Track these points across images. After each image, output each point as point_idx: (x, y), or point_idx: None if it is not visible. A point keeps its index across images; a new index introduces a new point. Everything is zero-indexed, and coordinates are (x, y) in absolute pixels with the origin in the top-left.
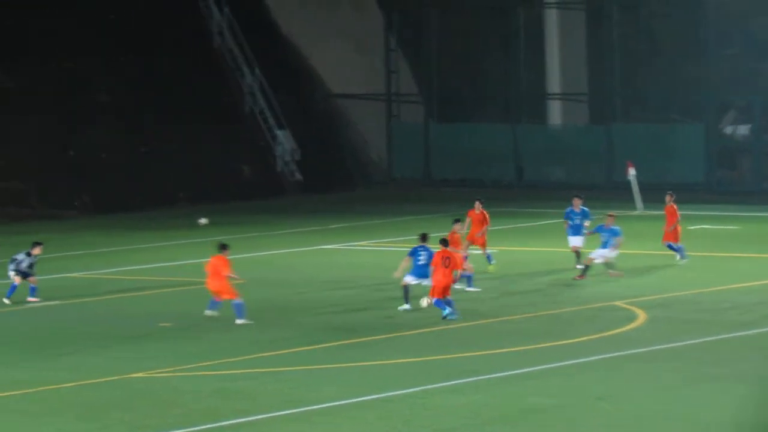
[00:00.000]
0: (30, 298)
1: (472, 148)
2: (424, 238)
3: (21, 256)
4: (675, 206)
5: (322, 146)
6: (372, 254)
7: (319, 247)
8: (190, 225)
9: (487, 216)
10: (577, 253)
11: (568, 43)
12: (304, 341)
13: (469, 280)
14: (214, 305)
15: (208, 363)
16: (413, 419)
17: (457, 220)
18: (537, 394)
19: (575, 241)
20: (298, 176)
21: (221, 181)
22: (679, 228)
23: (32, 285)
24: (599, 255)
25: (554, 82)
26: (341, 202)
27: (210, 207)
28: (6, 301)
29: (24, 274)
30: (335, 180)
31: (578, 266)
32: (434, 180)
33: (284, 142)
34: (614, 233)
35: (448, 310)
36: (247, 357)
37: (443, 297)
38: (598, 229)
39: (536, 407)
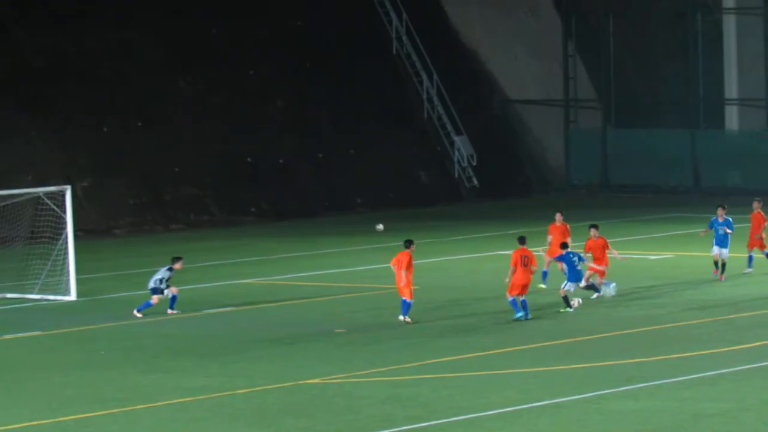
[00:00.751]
0: (170, 311)
1: (650, 154)
2: (565, 246)
3: (162, 273)
4: (762, 213)
5: (499, 152)
6: None
7: (495, 252)
8: (368, 231)
9: (569, 228)
10: (719, 263)
11: (746, 48)
12: (478, 347)
13: (605, 285)
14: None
15: (382, 369)
16: (587, 425)
17: (593, 226)
18: (711, 399)
19: (717, 249)
20: (475, 182)
21: (398, 186)
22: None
23: (173, 293)
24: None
25: (732, 88)
26: (518, 208)
27: (387, 213)
28: (137, 314)
29: (156, 291)
30: (512, 186)
31: (714, 275)
32: (612, 186)
33: (461, 148)
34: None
35: (520, 314)
36: (420, 363)
37: (520, 295)
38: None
39: (710, 413)
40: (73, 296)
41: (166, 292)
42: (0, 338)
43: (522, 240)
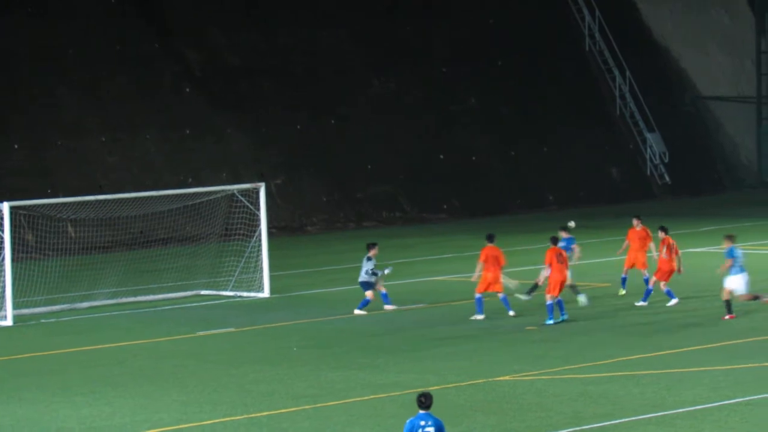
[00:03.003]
0: (387, 306)
1: None
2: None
3: (366, 264)
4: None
5: (691, 149)
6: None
7: (687, 250)
8: (559, 228)
9: (650, 233)
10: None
11: None
12: (667, 344)
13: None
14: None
15: (573, 366)
16: None
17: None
18: None
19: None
20: (667, 179)
21: (590, 183)
22: None
23: (383, 292)
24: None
25: None
26: (710, 205)
27: (578, 210)
28: (360, 312)
29: (368, 285)
30: (704, 183)
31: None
32: None
33: (653, 145)
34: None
35: (551, 321)
36: (610, 360)
37: (558, 294)
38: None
39: None
40: (266, 293)
41: (379, 283)
42: (194, 335)
43: (554, 240)
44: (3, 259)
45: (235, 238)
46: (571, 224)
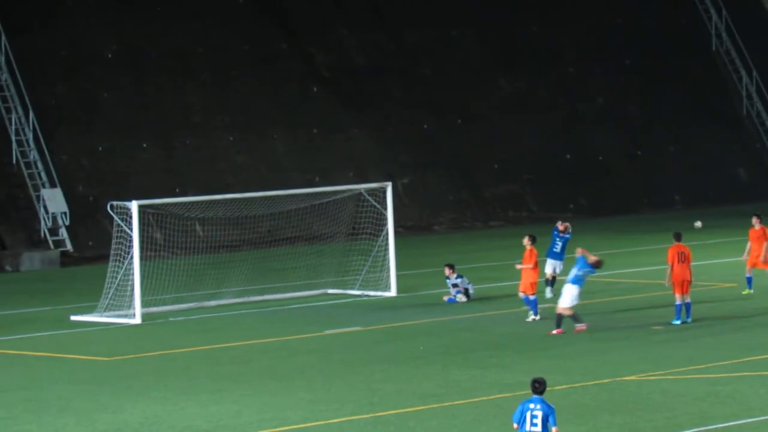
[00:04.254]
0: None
1: None
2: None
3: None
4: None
5: None
6: None
7: None
8: (686, 228)
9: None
10: None
11: None
12: None
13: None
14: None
15: (699, 366)
16: None
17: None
18: None
19: None
20: None
21: (716, 183)
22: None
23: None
24: None
25: None
26: None
27: (705, 210)
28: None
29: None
30: None
31: None
32: None
33: None
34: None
35: (677, 321)
36: (737, 360)
37: (683, 293)
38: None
39: None
40: (393, 292)
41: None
42: (322, 333)
43: (678, 236)
44: (132, 257)
45: (362, 238)
46: (698, 224)
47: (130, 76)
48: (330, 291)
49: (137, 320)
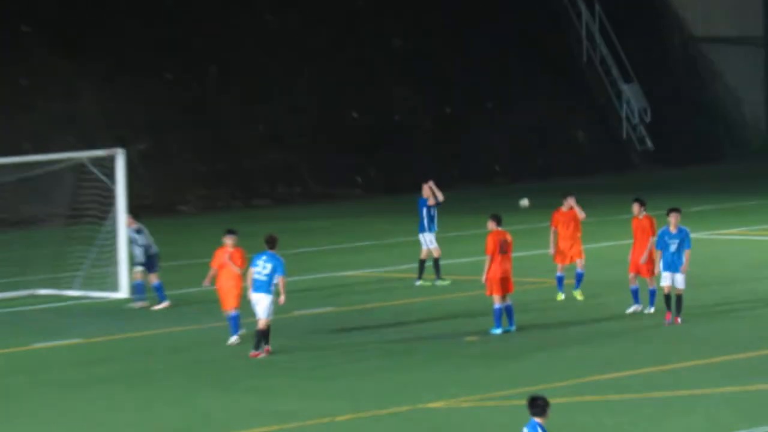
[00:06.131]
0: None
1: None
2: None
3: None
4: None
5: (680, 104)
6: (745, 245)
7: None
8: (510, 207)
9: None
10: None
11: None
12: (648, 359)
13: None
14: None
15: (527, 388)
16: None
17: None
18: None
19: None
20: (649, 144)
21: (549, 150)
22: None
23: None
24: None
25: None
26: (704, 178)
27: (533, 185)
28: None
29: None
30: (697, 149)
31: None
32: None
33: (631, 100)
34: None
35: (498, 330)
36: (577, 381)
37: (505, 294)
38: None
39: None
40: (123, 293)
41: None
42: (28, 347)
43: (497, 219)
44: None
45: (85, 221)
46: (524, 203)
47: None
48: (40, 291)
49: None
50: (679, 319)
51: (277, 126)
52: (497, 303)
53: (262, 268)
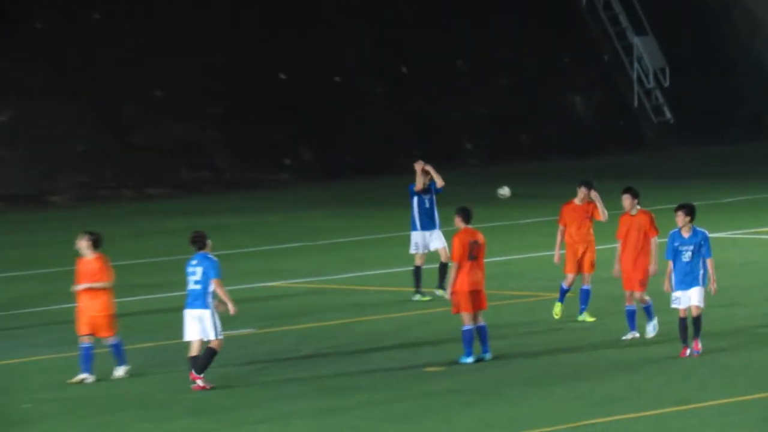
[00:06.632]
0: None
1: None
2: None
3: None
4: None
5: (709, 65)
6: None
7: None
8: (486, 198)
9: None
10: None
11: None
12: (648, 399)
13: None
14: None
15: None
16: None
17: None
18: None
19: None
20: (667, 114)
21: (537, 123)
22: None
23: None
24: None
25: None
26: (738, 159)
27: (516, 167)
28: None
29: None
30: (729, 121)
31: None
32: None
33: (645, 57)
34: None
35: (469, 359)
36: (565, 426)
37: (475, 312)
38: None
39: None
40: None
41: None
42: None
43: (465, 215)
44: None
45: None
46: (504, 192)
47: None
48: None
49: None
50: (699, 346)
51: (179, 91)
52: (467, 323)
53: (192, 275)
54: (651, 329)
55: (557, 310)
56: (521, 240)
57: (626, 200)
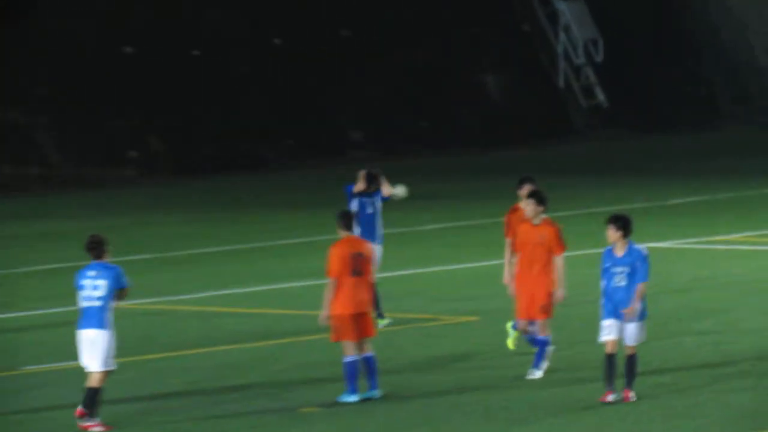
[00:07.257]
0: None
1: None
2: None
3: None
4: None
5: (653, 38)
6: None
7: (652, 244)
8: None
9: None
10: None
11: None
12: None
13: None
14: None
15: None
16: None
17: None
18: None
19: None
20: (600, 97)
21: (440, 107)
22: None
23: None
24: None
25: None
26: (689, 152)
27: (413, 161)
28: None
29: None
30: (678, 106)
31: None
32: None
33: (572, 26)
34: None
35: (353, 396)
36: None
37: (360, 339)
38: None
39: None
40: None
41: None
42: None
43: (346, 220)
44: None
45: None
46: (400, 191)
47: None
48: None
49: None
50: (631, 394)
51: None
52: (350, 354)
53: (91, 288)
54: (538, 373)
55: (510, 341)
56: (419, 250)
57: (529, 206)
